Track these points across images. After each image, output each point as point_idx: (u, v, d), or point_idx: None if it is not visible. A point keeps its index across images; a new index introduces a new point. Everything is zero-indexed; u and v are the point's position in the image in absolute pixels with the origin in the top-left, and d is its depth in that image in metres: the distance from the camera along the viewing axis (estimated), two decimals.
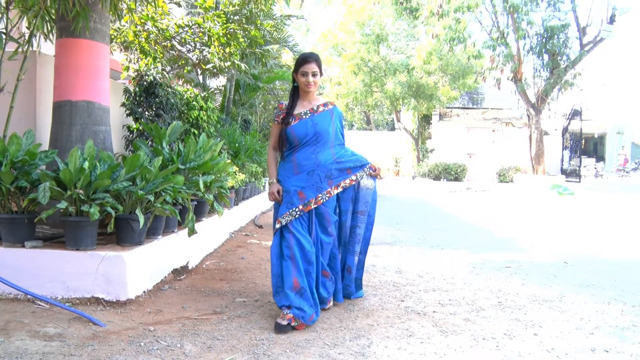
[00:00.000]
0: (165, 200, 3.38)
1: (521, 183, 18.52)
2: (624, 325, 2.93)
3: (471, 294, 3.58)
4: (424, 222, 7.74)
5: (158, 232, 3.57)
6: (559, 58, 17.75)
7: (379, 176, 3.25)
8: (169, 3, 7.24)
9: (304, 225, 2.96)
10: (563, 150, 21.19)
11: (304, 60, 3.01)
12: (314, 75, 3.01)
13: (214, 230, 4.93)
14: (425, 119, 24.69)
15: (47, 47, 5.13)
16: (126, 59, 7.02)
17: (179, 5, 8.06)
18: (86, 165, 3.06)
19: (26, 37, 4.28)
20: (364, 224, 3.23)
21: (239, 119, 10.39)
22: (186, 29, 6.82)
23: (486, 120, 24.03)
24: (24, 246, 3.10)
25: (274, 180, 3.08)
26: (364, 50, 22.07)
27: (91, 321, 2.69)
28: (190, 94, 7.18)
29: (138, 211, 3.12)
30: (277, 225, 2.97)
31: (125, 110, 6.07)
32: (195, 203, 4.35)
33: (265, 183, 8.13)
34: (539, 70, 18.47)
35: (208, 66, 7.21)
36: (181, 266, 3.94)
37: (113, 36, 6.48)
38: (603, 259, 4.99)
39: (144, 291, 3.26)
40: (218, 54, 6.80)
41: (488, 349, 2.53)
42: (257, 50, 7.26)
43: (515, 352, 2.49)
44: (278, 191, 3.02)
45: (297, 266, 2.85)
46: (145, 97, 6.04)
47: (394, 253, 5.12)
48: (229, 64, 6.87)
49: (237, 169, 6.54)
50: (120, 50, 6.98)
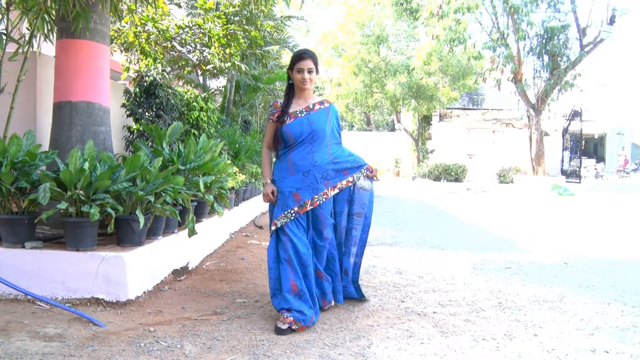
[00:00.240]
0: (166, 200, 3.38)
1: (521, 184, 18.50)
2: (624, 326, 2.93)
3: (471, 295, 3.58)
4: (424, 223, 7.74)
5: (158, 233, 3.57)
6: (559, 59, 17.74)
7: (376, 177, 3.18)
8: (170, 4, 7.25)
9: (300, 226, 2.91)
10: (563, 151, 21.18)
11: (299, 56, 2.96)
12: (309, 72, 2.94)
13: (214, 231, 4.93)
14: (426, 120, 24.69)
15: (48, 48, 5.14)
16: (126, 60, 7.03)
17: (179, 6, 8.09)
18: (86, 165, 3.06)
19: (26, 38, 4.28)
20: (360, 226, 3.17)
21: (239, 119, 10.41)
22: (186, 29, 6.83)
23: (486, 121, 24.03)
24: (24, 247, 3.10)
25: (268, 180, 3.02)
26: (364, 51, 22.07)
27: (91, 322, 2.69)
28: (191, 94, 7.19)
29: (138, 212, 3.12)
30: (273, 228, 2.92)
31: (126, 111, 6.08)
32: (196, 204, 4.35)
33: None
34: (539, 71, 18.46)
35: (208, 67, 7.22)
36: (181, 267, 3.94)
37: (113, 37, 6.49)
38: (603, 259, 4.98)
39: (144, 292, 3.26)
40: (218, 55, 6.81)
41: (488, 350, 2.53)
42: (258, 51, 7.27)
43: (516, 353, 2.49)
44: (273, 192, 2.97)
45: (294, 269, 2.82)
46: (145, 98, 6.04)
47: (394, 254, 5.12)
48: (229, 64, 6.88)
49: (237, 169, 6.55)
50: (121, 51, 7.00)
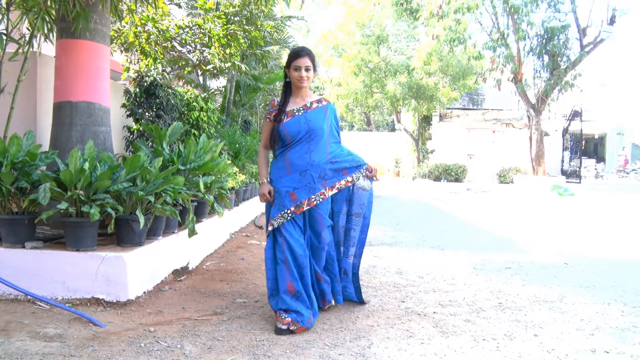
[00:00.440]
0: (166, 201, 3.38)
1: (521, 184, 18.50)
2: (624, 326, 2.93)
3: (471, 295, 3.58)
4: (424, 223, 7.73)
5: (158, 233, 3.57)
6: (559, 59, 17.75)
7: (375, 177, 3.14)
8: (170, 4, 7.26)
9: (297, 227, 2.88)
10: (563, 151, 21.18)
11: (296, 54, 2.91)
12: (307, 69, 2.90)
13: (214, 231, 4.93)
14: (426, 120, 24.69)
15: (48, 48, 5.14)
16: (126, 60, 7.03)
17: (180, 6, 8.09)
18: (86, 166, 3.06)
19: (26, 38, 4.28)
20: (359, 227, 3.14)
21: (239, 119, 10.41)
22: (186, 30, 6.83)
23: (486, 121, 24.02)
24: (24, 247, 3.10)
25: (265, 180, 3.00)
26: (364, 51, 22.07)
27: (91, 322, 2.69)
28: (191, 94, 7.19)
29: (138, 212, 3.12)
30: (270, 228, 2.90)
31: (126, 111, 6.07)
32: (196, 204, 4.35)
33: None
34: (539, 71, 18.46)
35: (208, 67, 7.22)
36: (181, 267, 3.94)
37: (113, 37, 6.49)
38: (603, 259, 4.98)
39: (144, 292, 3.26)
40: (218, 55, 6.81)
41: (488, 350, 2.53)
42: (258, 51, 7.26)
43: (516, 353, 2.49)
44: (269, 192, 2.94)
45: (291, 270, 2.81)
46: (145, 98, 6.04)
47: (394, 254, 5.11)
48: (229, 64, 6.88)
49: (238, 169, 6.55)
50: (121, 51, 7.00)
